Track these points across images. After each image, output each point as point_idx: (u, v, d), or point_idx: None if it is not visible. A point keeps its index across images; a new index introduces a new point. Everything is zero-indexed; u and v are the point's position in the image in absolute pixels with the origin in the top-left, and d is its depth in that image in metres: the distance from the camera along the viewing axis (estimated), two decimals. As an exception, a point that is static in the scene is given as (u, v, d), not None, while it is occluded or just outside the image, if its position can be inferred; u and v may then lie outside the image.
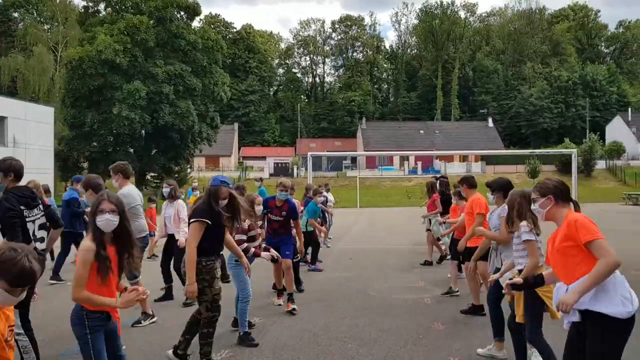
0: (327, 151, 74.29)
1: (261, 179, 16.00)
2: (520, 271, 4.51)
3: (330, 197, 15.28)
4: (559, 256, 3.26)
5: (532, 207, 3.60)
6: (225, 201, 5.06)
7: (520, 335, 4.58)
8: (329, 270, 10.45)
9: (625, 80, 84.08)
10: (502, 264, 5.21)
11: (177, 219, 8.09)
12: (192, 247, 4.84)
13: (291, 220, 7.40)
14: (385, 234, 18.06)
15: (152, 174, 42.93)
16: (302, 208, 10.32)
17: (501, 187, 5.50)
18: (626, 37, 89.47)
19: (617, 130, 70.63)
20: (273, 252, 6.36)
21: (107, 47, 33.29)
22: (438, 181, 11.26)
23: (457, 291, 8.04)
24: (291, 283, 7.30)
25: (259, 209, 6.49)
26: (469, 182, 7.17)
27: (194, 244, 4.84)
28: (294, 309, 7.03)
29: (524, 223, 4.45)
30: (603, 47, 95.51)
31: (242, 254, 5.62)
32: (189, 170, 60.27)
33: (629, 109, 72.82)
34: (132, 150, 38.78)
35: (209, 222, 4.88)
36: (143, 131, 37.56)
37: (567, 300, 3.08)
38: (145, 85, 35.06)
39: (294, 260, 7.84)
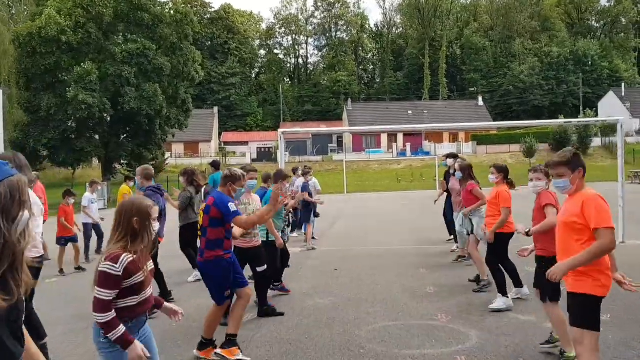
0: (311, 134, 71.26)
1: (214, 163, 9.98)
2: None
3: (298, 181, 12.10)
4: None
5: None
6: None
7: None
8: (303, 292, 7.33)
9: (617, 56, 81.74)
10: None
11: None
12: None
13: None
14: (380, 228, 14.78)
15: (123, 162, 39.64)
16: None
17: None
18: (618, 11, 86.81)
19: (610, 106, 68.38)
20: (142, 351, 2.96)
21: (50, 22, 29.64)
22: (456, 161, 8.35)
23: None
24: (237, 322, 5.00)
25: (155, 226, 3.19)
26: (506, 172, 6.51)
27: None
28: None
29: None
30: (594, 22, 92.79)
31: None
32: (167, 156, 57.08)
33: (622, 85, 70.56)
34: (97, 136, 35.36)
35: None
36: (108, 116, 34.14)
37: None
38: (104, 66, 31.49)
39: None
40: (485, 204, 7.43)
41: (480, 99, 72.73)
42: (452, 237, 10.46)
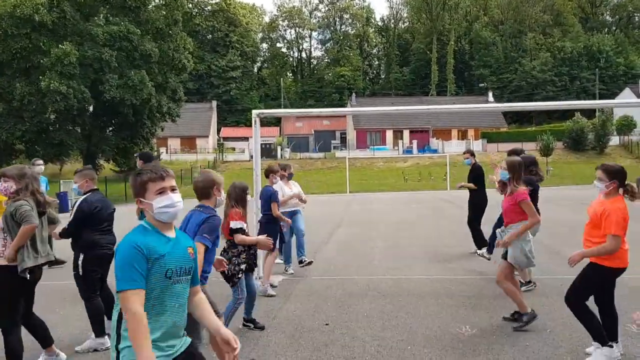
0: (314, 130, 68.35)
1: (144, 156, 7.48)
2: None
3: (289, 188, 8.62)
4: None
5: None
6: None
7: None
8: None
9: (633, 51, 78.60)
10: None
11: None
12: None
13: None
14: (389, 244, 11.47)
15: (115, 157, 36.91)
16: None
17: None
18: (634, 5, 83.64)
19: (626, 103, 65.36)
20: None
21: (24, 0, 26.91)
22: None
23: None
24: None
25: None
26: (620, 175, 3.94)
27: None
28: None
29: None
30: (608, 16, 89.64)
31: None
32: (161, 152, 54.44)
33: (639, 81, 67.49)
34: (78, 129, 32.58)
35: None
36: (89, 106, 31.33)
37: None
38: (83, 49, 28.61)
39: None
40: (536, 223, 5.08)
41: (490, 95, 69.79)
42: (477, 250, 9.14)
